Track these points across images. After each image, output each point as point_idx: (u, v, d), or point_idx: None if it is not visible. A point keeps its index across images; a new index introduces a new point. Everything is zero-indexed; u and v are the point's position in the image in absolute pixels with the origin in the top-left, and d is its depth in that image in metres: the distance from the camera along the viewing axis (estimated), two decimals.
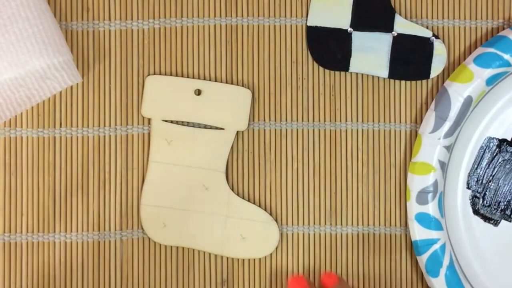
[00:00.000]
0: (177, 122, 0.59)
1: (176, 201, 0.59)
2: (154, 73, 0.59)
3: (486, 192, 0.60)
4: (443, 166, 0.58)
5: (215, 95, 0.59)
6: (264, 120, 0.60)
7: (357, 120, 0.60)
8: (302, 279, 0.57)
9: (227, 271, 0.59)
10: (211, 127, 0.59)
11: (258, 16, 0.60)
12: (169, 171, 0.59)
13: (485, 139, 0.60)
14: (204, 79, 0.59)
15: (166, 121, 0.59)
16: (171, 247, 0.59)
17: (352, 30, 0.59)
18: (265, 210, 0.59)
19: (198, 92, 0.59)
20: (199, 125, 0.59)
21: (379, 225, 0.60)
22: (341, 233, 0.60)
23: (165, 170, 0.59)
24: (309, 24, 0.59)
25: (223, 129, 0.59)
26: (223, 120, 0.59)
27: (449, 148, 0.58)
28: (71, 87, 0.59)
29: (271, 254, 0.59)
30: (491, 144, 0.60)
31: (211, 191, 0.59)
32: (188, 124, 0.59)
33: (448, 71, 0.60)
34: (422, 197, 0.58)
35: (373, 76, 0.60)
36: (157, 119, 0.59)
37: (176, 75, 0.59)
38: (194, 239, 0.59)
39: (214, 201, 0.59)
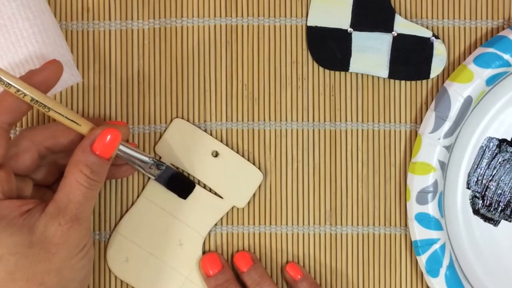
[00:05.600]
0: (182, 171, 0.59)
1: (147, 242, 0.58)
2: (154, 75, 0.59)
3: (486, 192, 0.60)
4: (443, 166, 0.58)
5: (229, 164, 0.58)
6: (264, 120, 0.60)
7: (357, 120, 0.60)
8: (214, 256, 0.57)
9: None
10: (210, 190, 0.59)
11: (258, 16, 0.60)
12: (155, 212, 0.58)
13: (485, 139, 0.60)
14: (204, 79, 0.59)
15: (173, 165, 0.58)
16: None
17: (352, 30, 0.59)
18: (265, 210, 0.59)
19: (216, 154, 0.58)
20: (203, 184, 0.59)
21: (379, 225, 0.60)
22: (341, 233, 0.60)
23: (151, 210, 0.58)
24: (309, 24, 0.59)
25: (222, 198, 0.59)
26: (226, 190, 0.58)
27: (449, 148, 0.58)
28: (71, 87, 0.59)
29: (270, 254, 0.59)
30: (491, 144, 0.60)
31: (183, 249, 0.58)
32: (193, 178, 0.59)
33: (448, 71, 0.60)
34: (422, 197, 0.58)
35: (373, 76, 0.60)
36: (166, 160, 0.58)
37: (176, 77, 0.59)
38: (147, 286, 0.58)
39: (182, 259, 0.58)
